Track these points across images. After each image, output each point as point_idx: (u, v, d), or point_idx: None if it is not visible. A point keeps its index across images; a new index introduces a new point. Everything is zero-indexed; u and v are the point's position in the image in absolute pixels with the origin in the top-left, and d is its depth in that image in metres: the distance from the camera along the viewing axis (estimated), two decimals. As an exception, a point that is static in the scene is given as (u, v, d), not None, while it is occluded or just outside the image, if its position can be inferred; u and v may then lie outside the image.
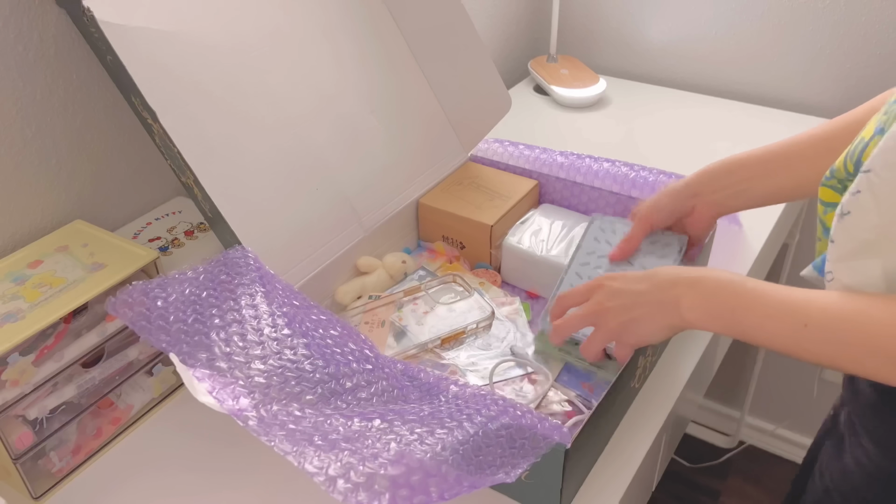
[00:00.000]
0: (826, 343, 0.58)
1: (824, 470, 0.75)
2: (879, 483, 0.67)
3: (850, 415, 0.71)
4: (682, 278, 0.65)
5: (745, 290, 0.62)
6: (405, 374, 0.66)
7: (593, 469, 0.73)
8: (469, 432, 0.57)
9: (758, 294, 0.61)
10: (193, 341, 0.62)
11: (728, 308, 0.62)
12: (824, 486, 0.74)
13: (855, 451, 0.69)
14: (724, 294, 0.63)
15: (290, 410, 0.58)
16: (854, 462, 0.69)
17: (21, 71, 0.79)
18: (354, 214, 0.91)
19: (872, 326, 0.56)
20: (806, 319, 0.58)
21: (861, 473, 0.69)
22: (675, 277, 0.66)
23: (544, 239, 0.94)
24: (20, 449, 0.69)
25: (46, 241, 0.79)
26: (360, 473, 0.51)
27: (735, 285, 0.63)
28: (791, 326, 0.59)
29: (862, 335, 0.56)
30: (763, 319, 0.61)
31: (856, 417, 0.70)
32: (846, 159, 0.61)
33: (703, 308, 0.63)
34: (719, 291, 0.63)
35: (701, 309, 0.63)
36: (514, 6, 1.59)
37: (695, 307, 0.63)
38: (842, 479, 0.71)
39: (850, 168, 0.60)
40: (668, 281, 0.66)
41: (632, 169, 1.04)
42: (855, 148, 0.60)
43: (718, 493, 1.74)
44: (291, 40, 0.88)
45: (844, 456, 0.71)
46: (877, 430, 0.67)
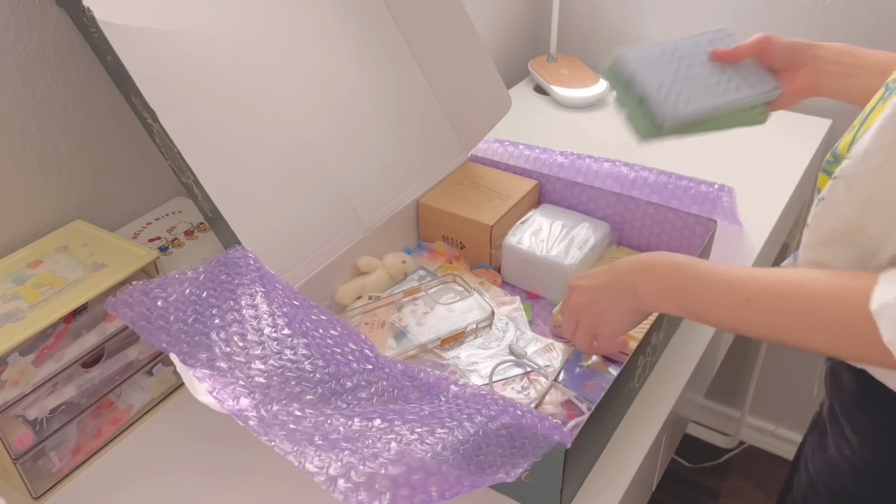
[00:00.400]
0: (767, 317, 0.60)
1: (809, 462, 0.76)
2: (863, 474, 0.68)
3: (833, 407, 0.72)
4: (638, 264, 0.68)
5: (695, 271, 0.64)
6: (405, 374, 0.66)
7: (593, 469, 0.73)
8: (469, 432, 0.57)
9: (707, 273, 0.63)
10: (194, 341, 0.62)
11: (679, 289, 0.64)
12: (809, 479, 0.75)
13: (838, 443, 0.70)
14: (676, 276, 0.65)
15: (290, 410, 0.58)
16: (838, 454, 0.70)
17: (21, 71, 0.79)
18: (354, 214, 0.91)
19: (808, 298, 0.57)
20: (749, 295, 0.60)
21: (845, 465, 0.69)
22: (632, 264, 0.68)
23: (544, 239, 0.94)
24: (20, 449, 0.69)
25: (46, 241, 0.79)
26: (361, 473, 0.51)
27: (686, 267, 0.65)
28: (735, 302, 0.60)
29: (799, 308, 0.58)
30: (710, 296, 0.63)
31: (838, 409, 0.70)
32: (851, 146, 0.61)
33: (656, 290, 0.66)
34: (672, 273, 0.65)
35: (654, 291, 0.66)
36: (514, 6, 1.59)
37: (649, 290, 0.66)
38: (826, 472, 0.72)
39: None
40: (625, 269, 0.68)
41: (632, 169, 1.04)
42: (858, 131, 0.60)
43: (718, 493, 1.74)
44: (292, 40, 0.88)
45: (828, 448, 0.72)
46: (858, 421, 0.68)
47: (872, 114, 0.60)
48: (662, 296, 0.66)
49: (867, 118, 0.61)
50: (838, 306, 0.56)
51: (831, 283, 0.58)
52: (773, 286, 0.60)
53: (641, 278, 0.67)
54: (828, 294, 0.57)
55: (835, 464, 0.70)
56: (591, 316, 0.71)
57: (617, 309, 0.69)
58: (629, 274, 0.68)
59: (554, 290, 0.92)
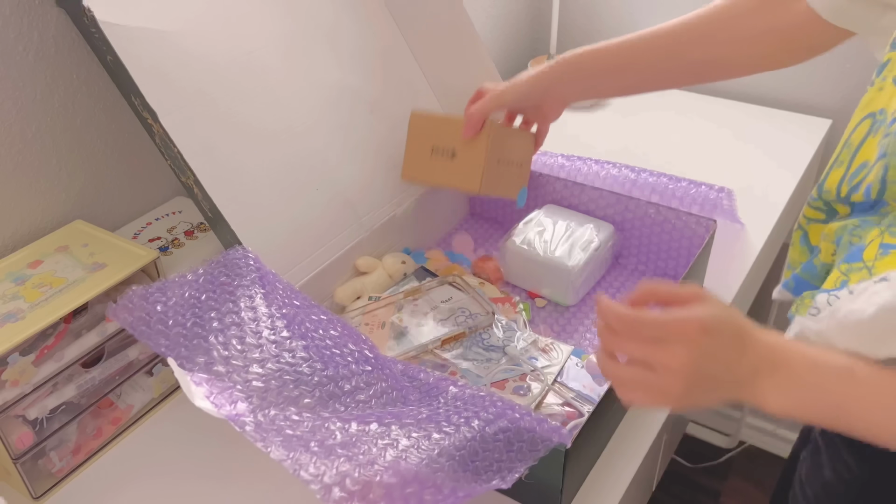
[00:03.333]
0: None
1: (806, 485, 0.73)
2: (862, 497, 0.66)
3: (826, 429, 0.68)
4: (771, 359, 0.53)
5: (854, 381, 0.51)
6: (405, 374, 0.66)
7: (593, 469, 0.73)
8: (466, 437, 0.57)
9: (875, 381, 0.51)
10: (192, 345, 0.62)
11: (831, 405, 0.52)
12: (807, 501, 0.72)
13: (836, 465, 0.67)
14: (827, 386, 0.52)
15: (287, 415, 0.58)
16: (835, 476, 0.67)
17: (21, 71, 0.79)
18: (354, 214, 0.91)
19: None
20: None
21: (844, 488, 0.67)
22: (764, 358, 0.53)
23: (548, 240, 0.94)
24: (20, 449, 0.69)
25: (46, 241, 0.79)
26: (356, 481, 0.51)
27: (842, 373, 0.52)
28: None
29: None
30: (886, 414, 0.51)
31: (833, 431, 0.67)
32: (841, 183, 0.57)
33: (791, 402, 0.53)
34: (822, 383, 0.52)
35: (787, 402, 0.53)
36: (514, 6, 1.59)
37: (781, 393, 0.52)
38: (824, 494, 0.69)
39: (844, 192, 0.57)
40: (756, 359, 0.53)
41: (632, 170, 1.04)
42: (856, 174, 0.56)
43: (718, 493, 1.74)
44: (291, 40, 0.88)
45: (824, 469, 0.69)
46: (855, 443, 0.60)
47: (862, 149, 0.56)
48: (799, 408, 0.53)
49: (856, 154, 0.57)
50: None
51: None
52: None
53: (769, 377, 0.52)
54: None
55: (833, 487, 0.68)
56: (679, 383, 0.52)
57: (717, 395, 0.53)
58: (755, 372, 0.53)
59: (557, 290, 0.92)
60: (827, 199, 0.60)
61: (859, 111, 0.60)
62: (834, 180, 0.58)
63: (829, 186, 0.59)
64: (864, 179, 0.55)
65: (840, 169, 0.58)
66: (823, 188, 0.60)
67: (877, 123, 0.57)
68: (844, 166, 0.58)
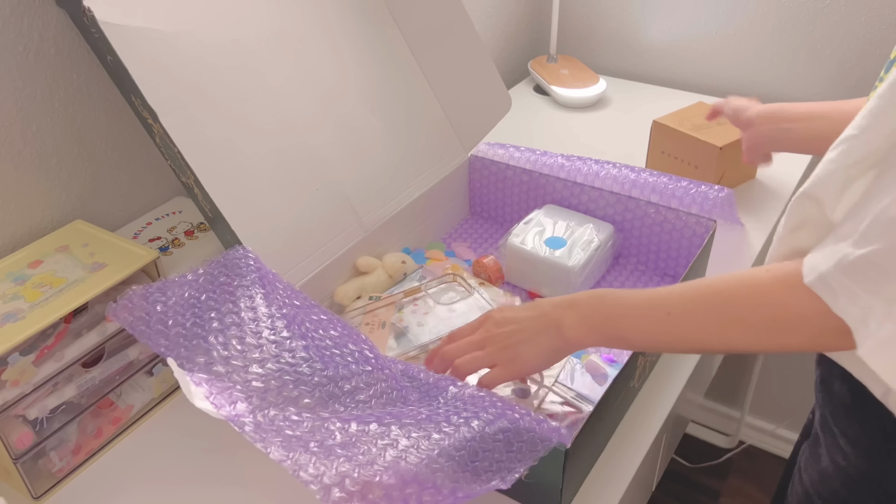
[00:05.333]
0: (689, 326, 0.61)
1: (803, 473, 0.75)
2: (857, 484, 0.67)
3: (825, 416, 0.71)
4: (563, 300, 0.68)
5: (616, 298, 0.65)
6: (405, 374, 0.66)
7: (593, 469, 0.73)
8: (466, 437, 0.57)
9: (628, 298, 0.65)
10: (191, 345, 0.62)
11: (602, 317, 0.65)
12: (804, 489, 0.74)
13: (832, 453, 0.69)
14: (600, 306, 0.66)
15: (286, 415, 0.58)
16: (832, 464, 0.69)
17: (21, 71, 0.79)
18: (354, 214, 0.91)
19: (727, 294, 0.59)
20: (669, 308, 0.61)
21: (840, 476, 0.69)
22: (557, 300, 0.68)
23: (548, 239, 0.94)
24: (20, 449, 0.69)
25: (47, 241, 0.79)
26: (355, 482, 0.51)
27: (607, 295, 0.66)
28: (657, 318, 0.62)
29: (716, 310, 0.59)
30: (633, 319, 0.64)
31: (830, 418, 0.70)
32: None
33: (581, 323, 0.66)
34: (595, 304, 0.66)
35: (580, 324, 0.66)
36: (514, 6, 1.59)
37: (574, 325, 0.66)
38: (821, 482, 0.71)
39: None
40: (549, 305, 0.68)
41: (632, 170, 1.04)
42: None
43: (718, 493, 1.74)
44: (292, 40, 0.88)
45: (821, 458, 0.71)
46: (851, 430, 0.67)
47: None
48: (587, 326, 0.65)
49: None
50: (753, 295, 0.57)
51: (747, 276, 0.59)
52: (690, 293, 0.61)
53: (567, 313, 0.66)
54: (739, 287, 0.58)
55: (828, 474, 0.70)
56: (505, 346, 0.68)
57: (536, 343, 0.67)
58: (554, 309, 0.67)
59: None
60: None
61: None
62: None
63: None
64: None
65: None
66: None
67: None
68: None
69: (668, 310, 0.62)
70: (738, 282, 0.59)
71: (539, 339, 0.67)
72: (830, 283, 0.52)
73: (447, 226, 1.09)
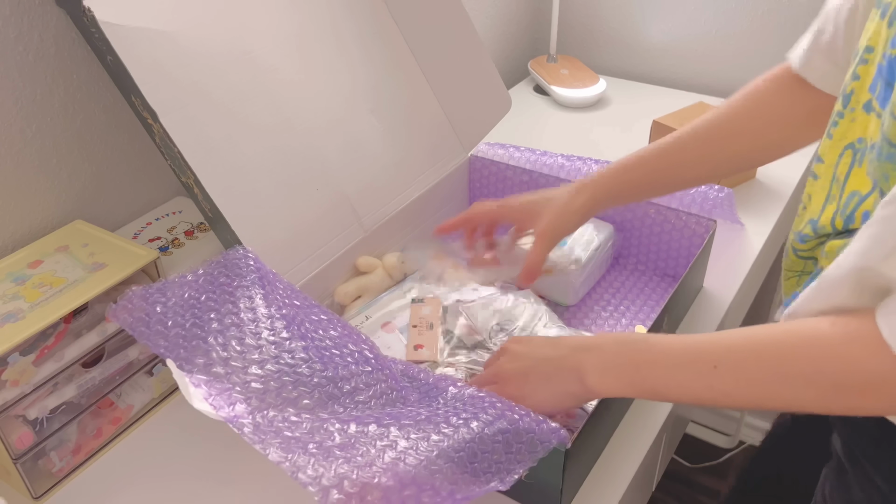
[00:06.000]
0: (739, 381, 0.55)
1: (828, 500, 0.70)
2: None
3: (849, 445, 0.67)
4: (584, 341, 0.63)
5: (647, 345, 0.60)
6: (405, 374, 0.66)
7: (593, 469, 0.73)
8: (465, 438, 0.57)
9: (661, 346, 0.59)
10: (191, 346, 0.62)
11: (632, 365, 0.60)
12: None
13: (865, 487, 0.65)
14: (627, 351, 0.60)
15: (285, 416, 0.58)
16: (866, 499, 0.65)
17: (21, 71, 0.79)
18: (354, 214, 0.91)
19: (788, 349, 0.53)
20: (715, 360, 0.56)
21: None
22: (577, 342, 0.64)
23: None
24: (20, 449, 0.69)
25: (46, 241, 0.79)
26: (354, 483, 0.51)
27: (636, 342, 0.61)
28: (700, 371, 0.56)
29: (772, 366, 0.54)
30: (670, 370, 0.58)
31: (857, 450, 0.66)
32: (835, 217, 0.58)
33: (604, 369, 0.61)
34: (620, 349, 0.61)
35: (603, 370, 0.61)
36: (514, 6, 1.59)
37: (597, 371, 0.61)
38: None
39: (840, 225, 0.57)
40: (569, 346, 0.64)
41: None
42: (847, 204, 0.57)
43: (718, 493, 1.74)
44: (291, 40, 0.88)
45: (852, 490, 0.66)
46: (884, 465, 0.63)
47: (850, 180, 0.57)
48: (613, 375, 0.60)
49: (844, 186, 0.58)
50: (816, 349, 0.52)
51: (802, 331, 0.53)
52: (740, 345, 0.56)
53: (588, 358, 0.62)
54: (801, 342, 0.53)
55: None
56: (516, 387, 0.64)
57: (550, 386, 0.63)
58: (574, 352, 0.62)
59: (558, 290, 0.92)
60: (823, 234, 0.60)
61: (835, 144, 0.60)
62: (828, 216, 0.59)
63: (824, 223, 0.59)
64: (856, 209, 0.55)
65: (832, 204, 0.59)
66: (818, 224, 0.60)
67: (858, 153, 0.57)
68: (836, 201, 0.58)
69: (714, 362, 0.55)
70: (799, 335, 0.53)
71: (552, 382, 0.63)
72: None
73: (447, 226, 1.09)
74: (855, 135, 0.58)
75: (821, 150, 0.62)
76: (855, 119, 0.57)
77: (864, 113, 0.56)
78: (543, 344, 0.66)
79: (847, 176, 0.58)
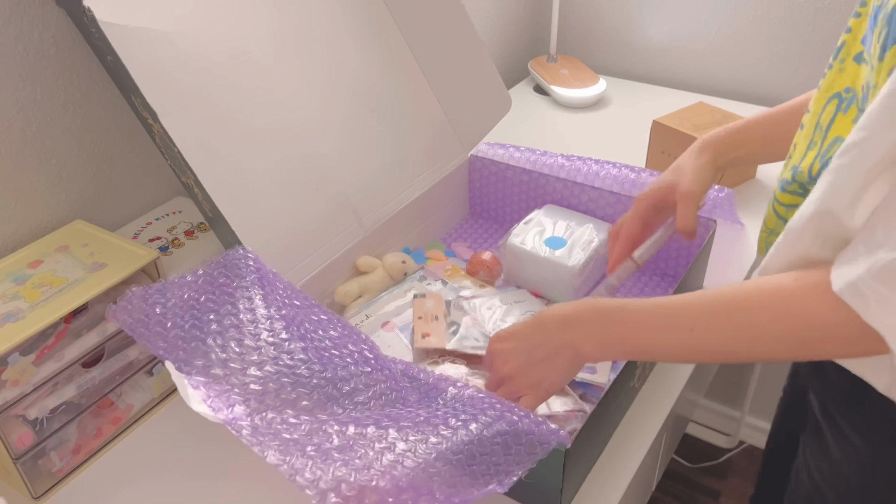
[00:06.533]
0: (714, 340, 0.59)
1: (811, 465, 0.73)
2: (873, 474, 0.66)
3: (825, 403, 0.70)
4: (567, 318, 0.65)
5: (627, 315, 0.62)
6: (405, 374, 0.66)
7: (593, 469, 0.73)
8: (464, 440, 0.57)
9: (639, 313, 0.62)
10: (190, 348, 0.62)
11: (619, 335, 0.63)
12: (814, 485, 0.73)
13: (842, 446, 0.68)
14: (610, 324, 0.63)
15: (284, 418, 0.58)
16: (844, 458, 0.68)
17: (21, 71, 0.79)
18: (354, 214, 0.91)
19: (754, 307, 0.57)
20: (691, 324, 0.59)
21: (854, 470, 0.68)
22: (560, 319, 0.65)
23: (548, 239, 0.94)
24: (20, 449, 0.69)
25: (47, 241, 0.79)
26: (351, 486, 0.51)
27: (615, 312, 0.63)
28: (678, 334, 0.59)
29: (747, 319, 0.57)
30: (653, 335, 0.61)
31: (832, 407, 0.69)
32: (814, 163, 0.60)
33: (596, 343, 0.64)
34: (604, 323, 0.63)
35: (595, 344, 0.64)
36: (514, 6, 1.59)
37: (588, 343, 0.64)
38: (833, 476, 0.70)
39: (816, 171, 0.59)
40: (555, 325, 0.65)
41: (632, 171, 1.04)
42: (828, 150, 0.59)
43: (718, 493, 1.74)
44: (292, 40, 0.88)
45: (830, 450, 0.70)
46: (859, 422, 0.66)
47: (833, 127, 0.59)
48: (604, 347, 0.64)
49: (827, 133, 0.59)
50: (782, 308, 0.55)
51: (768, 290, 0.56)
52: (713, 307, 0.59)
53: (576, 333, 0.64)
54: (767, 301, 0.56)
55: (842, 469, 0.69)
56: (526, 380, 0.66)
57: (557, 367, 0.65)
58: (562, 330, 0.65)
59: (557, 290, 0.92)
60: (801, 181, 0.62)
61: (822, 94, 0.62)
62: (808, 162, 0.61)
63: (804, 167, 0.61)
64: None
65: (814, 150, 0.61)
66: (798, 169, 0.62)
67: (844, 101, 0.59)
68: (817, 147, 0.61)
69: (690, 325, 0.59)
70: (765, 293, 0.57)
71: (554, 361, 0.65)
72: (862, 290, 0.50)
73: (447, 226, 1.09)
74: (842, 84, 0.60)
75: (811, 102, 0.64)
76: (844, 70, 0.60)
77: (855, 64, 0.58)
78: (527, 333, 0.67)
79: (830, 123, 0.60)
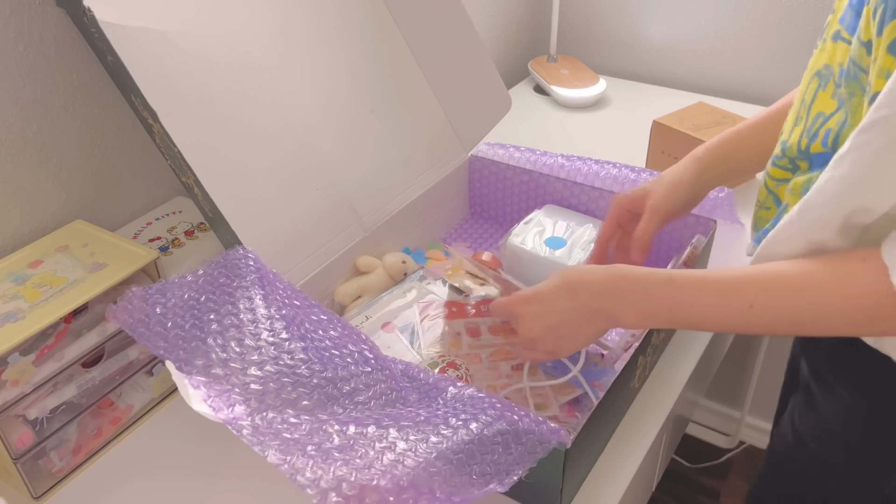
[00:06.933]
0: (776, 318, 0.59)
1: (796, 423, 0.75)
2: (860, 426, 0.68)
3: (814, 364, 0.71)
4: (605, 288, 0.64)
5: (675, 290, 0.62)
6: (405, 374, 0.66)
7: (593, 469, 0.73)
8: (464, 440, 0.57)
9: (693, 289, 0.62)
10: (190, 348, 0.62)
11: (665, 307, 0.63)
12: (798, 437, 0.74)
13: (829, 400, 0.70)
14: (658, 295, 0.63)
15: (284, 418, 0.58)
16: (831, 411, 0.70)
17: (21, 71, 0.79)
18: (354, 214, 0.91)
19: (816, 290, 0.57)
20: (750, 300, 0.59)
21: (841, 421, 0.69)
22: (598, 289, 0.65)
23: (548, 239, 0.94)
24: (20, 449, 0.69)
25: (47, 241, 0.79)
26: (352, 486, 0.51)
27: (664, 285, 0.62)
28: (735, 310, 0.60)
29: (809, 302, 0.57)
30: (705, 311, 0.61)
31: (821, 366, 0.70)
32: (801, 137, 0.62)
33: (638, 313, 0.64)
34: (653, 293, 0.63)
35: (637, 314, 0.64)
36: (514, 6, 1.59)
37: (630, 314, 0.64)
38: (817, 426, 0.72)
39: (804, 145, 0.61)
40: (589, 294, 0.65)
41: (632, 171, 1.04)
42: (812, 125, 0.61)
43: (718, 493, 1.74)
44: (292, 40, 0.88)
45: (817, 404, 0.71)
46: (848, 376, 0.67)
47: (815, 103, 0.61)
48: (647, 316, 0.64)
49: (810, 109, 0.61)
50: (852, 288, 0.55)
51: (835, 270, 0.56)
52: (774, 286, 0.59)
53: (613, 302, 0.64)
54: (836, 281, 0.56)
55: (828, 420, 0.70)
56: (553, 343, 0.68)
57: (583, 331, 0.66)
58: (596, 298, 0.64)
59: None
60: (790, 156, 0.64)
61: (808, 72, 0.64)
62: (796, 137, 0.63)
63: (792, 142, 0.63)
64: (820, 128, 0.59)
65: (800, 126, 0.63)
66: (787, 145, 0.64)
67: (823, 79, 0.61)
68: (803, 122, 0.62)
69: (749, 302, 0.59)
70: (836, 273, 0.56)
71: (584, 327, 0.66)
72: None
73: (447, 226, 1.09)
74: (821, 63, 0.62)
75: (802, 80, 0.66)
76: (824, 49, 0.62)
77: (832, 42, 0.61)
78: (559, 296, 0.67)
79: (813, 100, 0.62)
